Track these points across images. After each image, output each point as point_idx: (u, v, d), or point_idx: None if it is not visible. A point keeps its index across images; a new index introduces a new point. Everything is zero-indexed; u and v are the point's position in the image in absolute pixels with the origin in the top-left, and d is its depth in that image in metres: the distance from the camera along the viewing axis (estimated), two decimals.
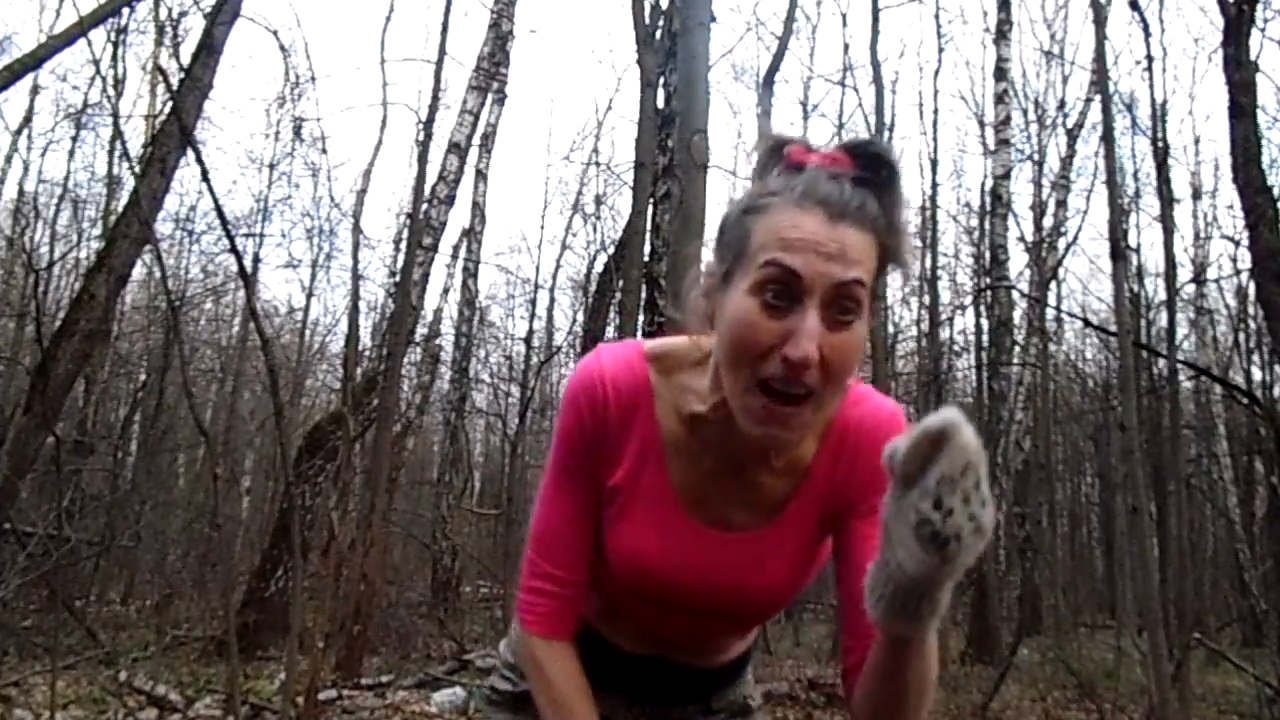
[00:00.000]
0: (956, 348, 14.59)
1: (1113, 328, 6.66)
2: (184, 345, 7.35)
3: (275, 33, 15.74)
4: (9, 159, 13.87)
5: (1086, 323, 9.42)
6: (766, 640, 9.92)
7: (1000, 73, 11.12)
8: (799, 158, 0.90)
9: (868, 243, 0.86)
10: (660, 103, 6.00)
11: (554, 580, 1.07)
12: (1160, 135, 8.00)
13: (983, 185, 12.90)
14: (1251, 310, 11.55)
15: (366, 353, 11.23)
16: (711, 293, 0.94)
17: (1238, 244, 11.36)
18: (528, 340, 15.63)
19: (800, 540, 1.03)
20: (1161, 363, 9.00)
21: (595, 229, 13.72)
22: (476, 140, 10.55)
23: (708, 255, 0.98)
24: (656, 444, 1.02)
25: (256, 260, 13.69)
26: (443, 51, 6.89)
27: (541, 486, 1.10)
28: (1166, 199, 7.52)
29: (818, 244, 0.84)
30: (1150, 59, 7.14)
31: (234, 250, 5.04)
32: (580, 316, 13.68)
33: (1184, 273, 11.62)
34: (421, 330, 10.91)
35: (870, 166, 0.88)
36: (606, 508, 1.06)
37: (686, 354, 1.02)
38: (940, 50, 15.90)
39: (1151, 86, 10.68)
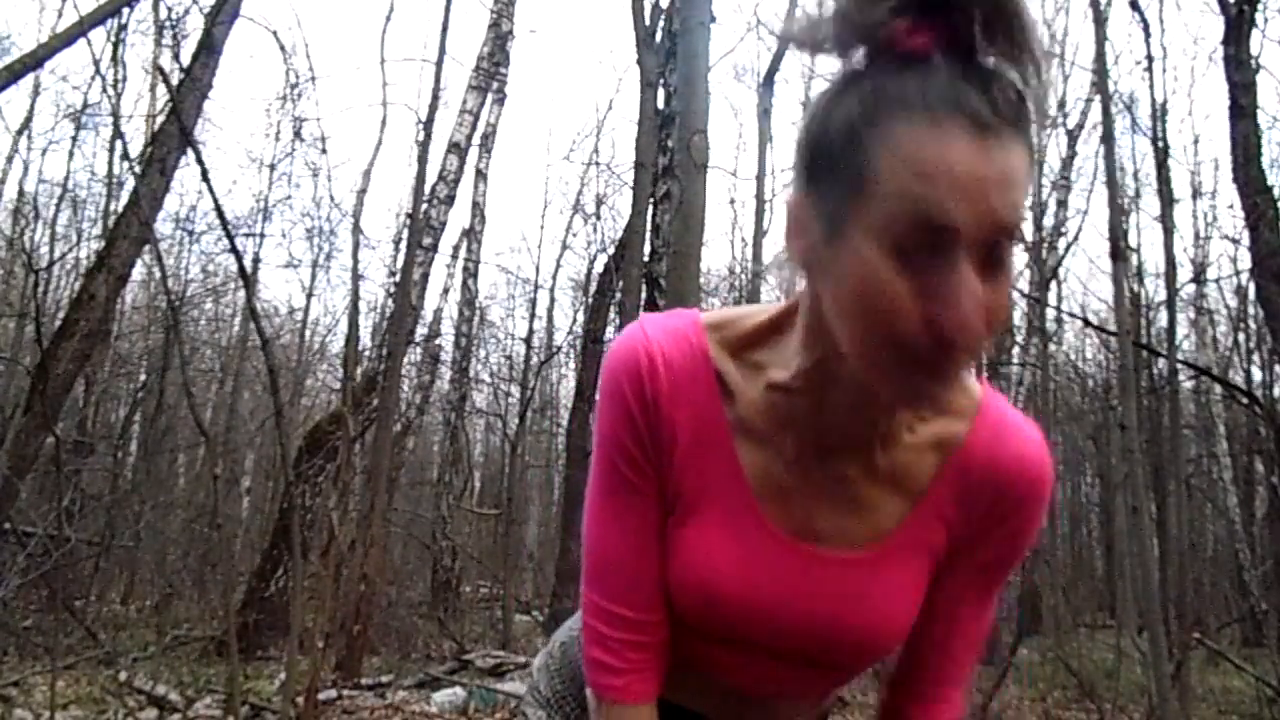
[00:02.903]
0: None
1: (1113, 328, 6.66)
2: (184, 345, 7.36)
3: (275, 33, 15.74)
4: (9, 159, 13.90)
5: (1086, 323, 9.42)
6: None
7: None
8: (911, 47, 0.64)
9: (1024, 154, 0.64)
10: (660, 103, 6.00)
11: (629, 626, 0.83)
12: (1160, 135, 8.00)
13: None
14: (1251, 310, 11.57)
15: (366, 353, 11.24)
16: (807, 240, 0.70)
17: (1238, 244, 11.35)
18: (528, 340, 15.65)
19: (911, 575, 0.82)
20: (1161, 363, 9.00)
21: (595, 229, 13.71)
22: (476, 140, 10.56)
23: (794, 189, 0.73)
24: (722, 431, 0.80)
25: (256, 260, 13.69)
26: (443, 51, 6.89)
27: (590, 504, 0.85)
28: (1166, 199, 7.53)
29: (972, 176, 0.61)
30: (1150, 59, 7.14)
31: (234, 250, 5.05)
32: (580, 316, 13.69)
33: (1184, 273, 11.61)
34: (421, 330, 10.91)
35: (1004, 35, 0.63)
36: (665, 512, 0.84)
37: (754, 320, 0.81)
38: None
39: (1151, 86, 10.69)
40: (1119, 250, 4.55)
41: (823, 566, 0.80)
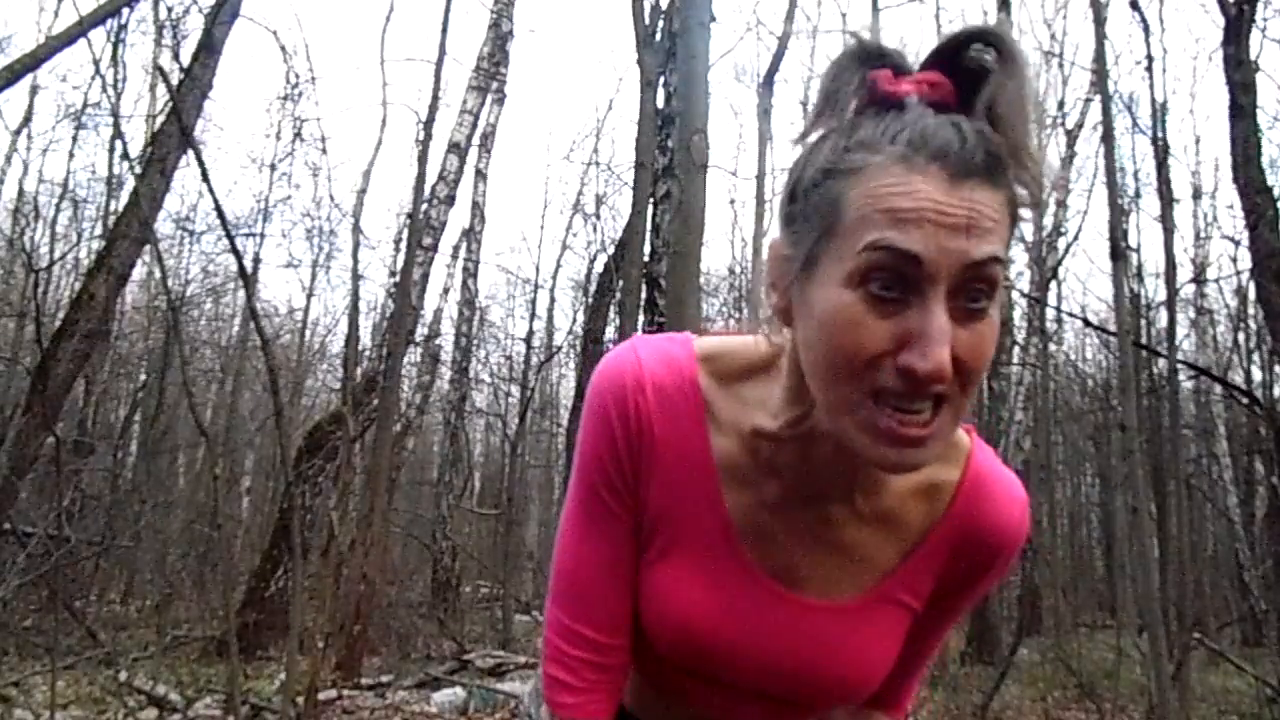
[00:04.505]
0: None
1: (1113, 328, 6.66)
2: (184, 345, 7.35)
3: (275, 33, 15.74)
4: (9, 159, 13.90)
5: (1086, 323, 9.41)
6: None
7: None
8: (889, 90, 0.65)
9: (1000, 202, 0.63)
10: (660, 103, 6.00)
11: (590, 646, 0.82)
12: (1160, 135, 8.01)
13: None
14: (1251, 310, 11.56)
15: (366, 353, 11.23)
16: (785, 283, 0.71)
17: (1238, 244, 11.37)
18: (528, 340, 15.64)
19: (893, 625, 0.82)
20: (1161, 363, 9.00)
21: (595, 229, 13.71)
22: (476, 140, 10.55)
23: (774, 233, 0.73)
24: (708, 467, 0.79)
25: (256, 260, 13.68)
26: (443, 51, 6.89)
27: (564, 521, 0.85)
28: (1166, 199, 7.52)
29: (940, 213, 0.61)
30: (1150, 59, 7.16)
31: (234, 250, 5.05)
32: (580, 316, 13.68)
33: (1184, 273, 11.62)
34: (421, 330, 10.90)
35: (979, 77, 0.64)
36: (644, 546, 0.82)
37: (747, 355, 0.80)
38: None
39: (1151, 86, 10.69)
40: (1119, 250, 4.55)
41: (806, 614, 0.80)
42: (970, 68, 0.65)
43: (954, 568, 0.81)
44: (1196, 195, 13.66)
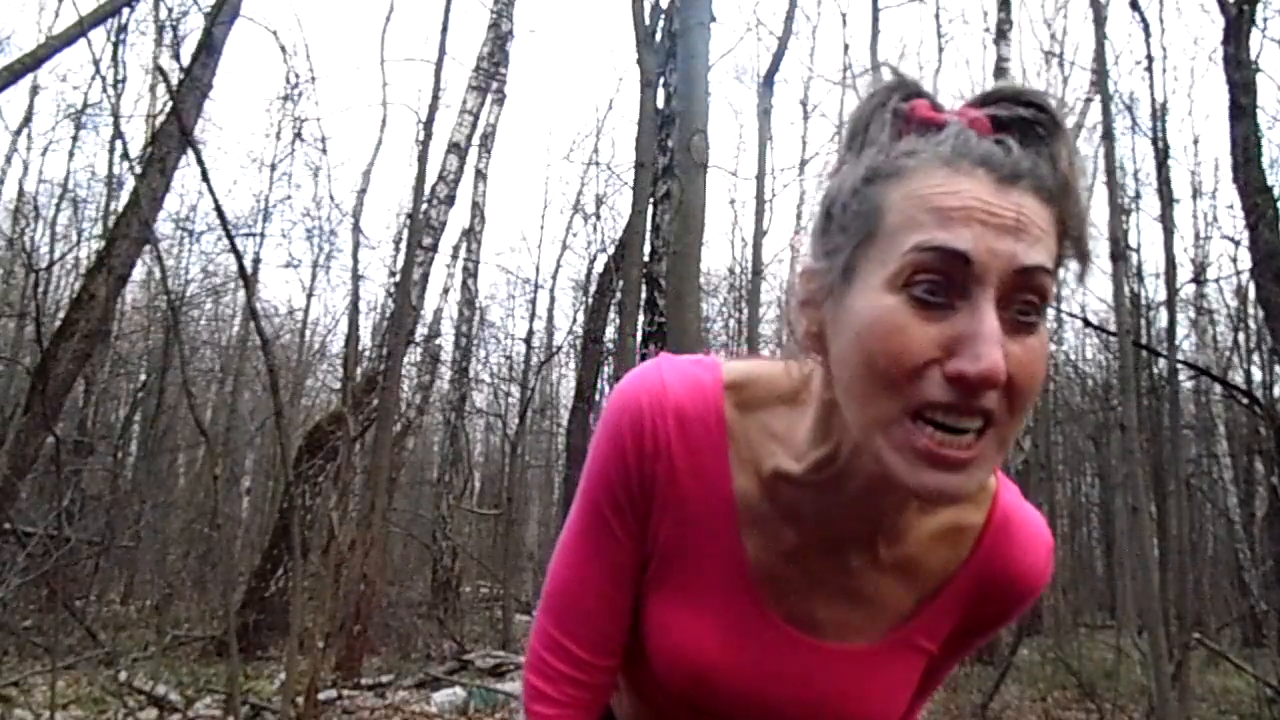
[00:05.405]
0: None
1: (1113, 328, 6.66)
2: (184, 345, 7.35)
3: (275, 33, 15.74)
4: (9, 159, 13.90)
5: (1086, 323, 9.38)
6: None
7: (1000, 73, 11.08)
8: (929, 116, 0.63)
9: (1048, 218, 0.61)
10: (660, 103, 6.00)
11: (573, 662, 0.80)
12: (1160, 135, 8.01)
13: None
14: (1251, 310, 11.56)
15: (366, 353, 11.24)
16: (819, 299, 0.66)
17: (1238, 244, 11.36)
18: (528, 340, 15.65)
19: (909, 670, 0.80)
20: (1161, 363, 8.99)
21: (595, 229, 13.74)
22: (476, 140, 10.55)
23: (802, 254, 0.70)
24: (728, 503, 0.75)
25: (256, 260, 13.69)
26: (443, 51, 6.90)
27: (564, 534, 0.82)
28: (1166, 199, 7.52)
29: (989, 213, 0.58)
30: (1150, 59, 7.17)
31: (234, 250, 5.05)
32: (580, 316, 13.68)
33: (1184, 273, 11.60)
34: (421, 330, 10.90)
35: (1024, 124, 0.62)
36: (653, 579, 0.79)
37: (775, 384, 0.75)
38: (940, 50, 15.90)
39: (1151, 86, 10.67)
40: (1119, 250, 4.55)
41: (821, 659, 0.77)
42: (1014, 111, 0.63)
43: (974, 612, 0.79)
44: (1196, 195, 13.66)
